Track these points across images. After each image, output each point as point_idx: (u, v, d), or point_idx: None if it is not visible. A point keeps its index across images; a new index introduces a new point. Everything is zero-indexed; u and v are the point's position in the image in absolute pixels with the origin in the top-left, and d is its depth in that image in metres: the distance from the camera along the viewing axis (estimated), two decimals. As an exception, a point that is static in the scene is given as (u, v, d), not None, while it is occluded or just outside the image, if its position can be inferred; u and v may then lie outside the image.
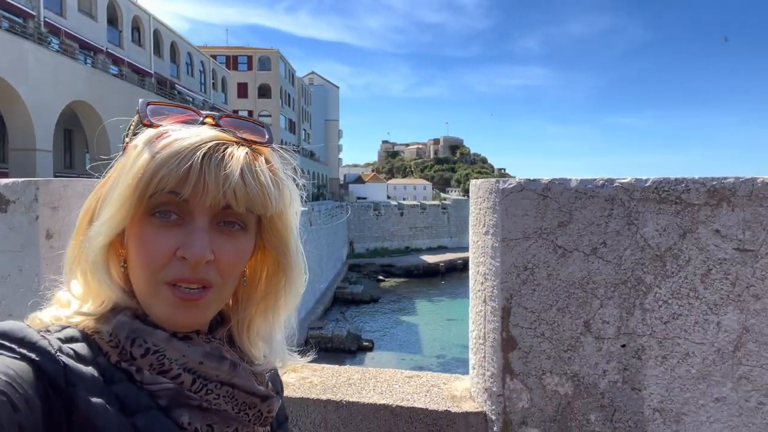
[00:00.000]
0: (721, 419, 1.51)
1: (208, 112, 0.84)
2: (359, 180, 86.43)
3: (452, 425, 1.73)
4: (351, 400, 1.81)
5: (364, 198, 75.96)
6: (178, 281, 0.75)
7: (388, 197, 78.52)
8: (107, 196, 0.78)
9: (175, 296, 0.75)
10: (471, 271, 1.81)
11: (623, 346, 1.57)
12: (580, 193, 1.58)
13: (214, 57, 55.26)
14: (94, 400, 0.68)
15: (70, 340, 0.74)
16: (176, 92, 40.26)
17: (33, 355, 0.66)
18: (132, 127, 0.84)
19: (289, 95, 72.73)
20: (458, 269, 56.13)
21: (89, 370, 0.70)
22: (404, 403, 1.78)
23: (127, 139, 0.83)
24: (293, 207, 0.85)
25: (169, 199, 0.75)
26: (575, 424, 1.60)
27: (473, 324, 1.78)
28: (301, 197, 0.89)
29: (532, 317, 1.62)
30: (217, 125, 0.81)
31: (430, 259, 57.75)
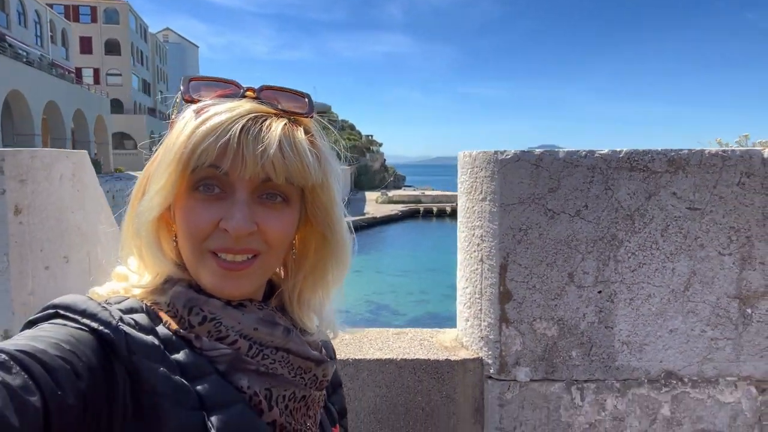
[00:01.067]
0: (674, 346, 1.86)
1: (249, 86, 0.86)
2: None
3: (452, 371, 1.93)
4: (356, 357, 1.93)
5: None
6: (222, 251, 0.78)
7: (255, 164, 76.21)
8: (155, 173, 0.81)
9: (219, 266, 0.78)
10: (463, 234, 1.99)
11: (599, 292, 1.86)
12: (567, 163, 1.82)
13: (51, 6, 49.09)
14: (156, 366, 0.71)
15: (131, 311, 0.77)
16: (7, 45, 35.24)
17: (95, 325, 0.69)
18: (176, 104, 0.87)
19: (141, 53, 66.97)
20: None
21: (150, 338, 0.73)
22: (407, 356, 1.94)
23: (172, 116, 0.86)
24: (335, 178, 0.86)
25: (210, 173, 0.77)
26: (560, 360, 1.88)
27: (467, 281, 1.98)
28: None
29: (525, 272, 1.85)
30: (257, 98, 0.84)
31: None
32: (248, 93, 0.84)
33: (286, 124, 0.80)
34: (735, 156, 1.80)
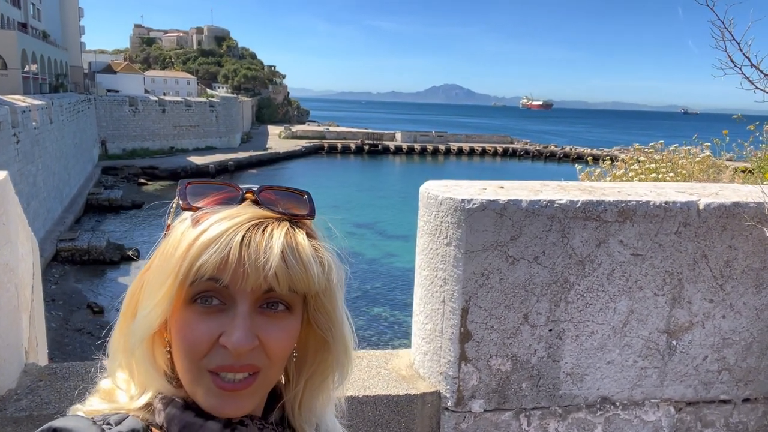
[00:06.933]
0: (610, 375, 2.06)
1: (248, 187, 0.83)
2: (109, 69, 75.51)
3: (411, 405, 2.01)
4: (318, 396, 1.95)
5: (117, 91, 67.17)
6: (222, 369, 0.75)
7: (147, 91, 70.89)
8: (149, 284, 0.79)
9: (218, 386, 0.75)
10: (425, 273, 2.03)
11: (550, 330, 1.99)
12: (528, 212, 1.89)
13: None
14: None
15: None
16: None
17: None
18: (173, 209, 0.83)
19: (7, -43, 58.31)
20: (229, 171, 54.75)
21: None
22: (369, 392, 1.99)
23: (168, 221, 0.83)
24: (337, 281, 0.84)
25: (209, 287, 0.74)
26: (511, 392, 2.01)
27: (427, 318, 2.03)
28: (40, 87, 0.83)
29: (485, 314, 1.94)
30: (256, 202, 0.81)
31: (198, 160, 54.81)
32: (247, 195, 0.80)
33: (287, 229, 0.77)
34: (675, 207, 1.96)
